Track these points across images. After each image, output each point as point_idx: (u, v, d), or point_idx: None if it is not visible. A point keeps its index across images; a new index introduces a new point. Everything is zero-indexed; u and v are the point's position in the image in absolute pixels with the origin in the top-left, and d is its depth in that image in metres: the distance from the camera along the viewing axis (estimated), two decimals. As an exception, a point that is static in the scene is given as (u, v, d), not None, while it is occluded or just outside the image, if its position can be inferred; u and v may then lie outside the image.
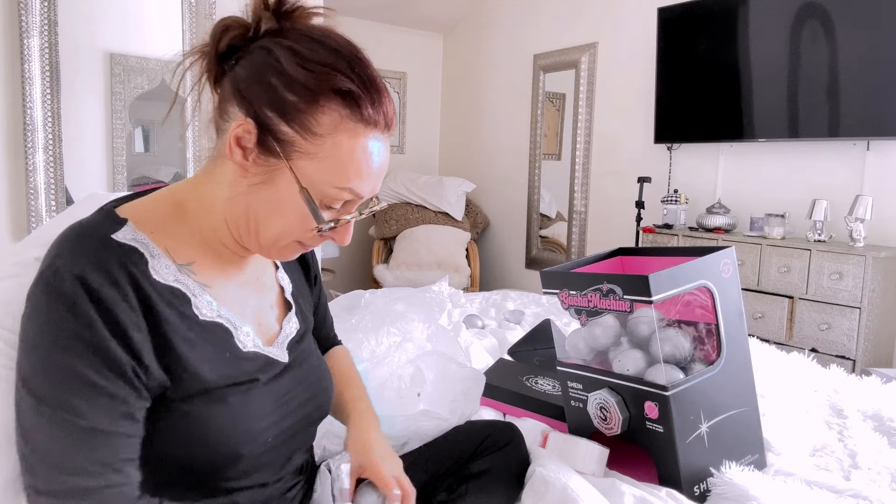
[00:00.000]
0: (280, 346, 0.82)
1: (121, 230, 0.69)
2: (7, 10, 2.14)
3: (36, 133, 2.20)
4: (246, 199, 0.72)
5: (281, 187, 0.70)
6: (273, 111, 0.68)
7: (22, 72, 2.15)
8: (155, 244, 0.71)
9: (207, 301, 0.74)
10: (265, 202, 0.71)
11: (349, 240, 0.75)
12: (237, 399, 0.73)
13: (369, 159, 0.71)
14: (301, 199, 0.70)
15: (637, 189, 3.16)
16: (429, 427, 1.09)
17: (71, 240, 0.67)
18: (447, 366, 1.29)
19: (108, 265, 0.65)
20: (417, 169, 4.78)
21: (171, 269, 0.71)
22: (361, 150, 0.70)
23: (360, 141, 0.70)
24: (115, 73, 2.41)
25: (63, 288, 0.62)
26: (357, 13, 4.42)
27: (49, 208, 2.27)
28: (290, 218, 0.71)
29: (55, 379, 0.62)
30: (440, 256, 4.04)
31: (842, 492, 0.98)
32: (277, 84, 0.68)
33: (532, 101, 4.18)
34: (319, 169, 0.69)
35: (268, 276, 0.87)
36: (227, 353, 0.74)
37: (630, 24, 3.51)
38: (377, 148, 0.71)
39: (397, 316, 1.57)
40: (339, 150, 0.69)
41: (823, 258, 2.49)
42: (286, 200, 0.70)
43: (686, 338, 1.04)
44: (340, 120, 0.69)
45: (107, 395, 0.63)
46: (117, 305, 0.64)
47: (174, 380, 0.68)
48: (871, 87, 2.48)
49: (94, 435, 0.62)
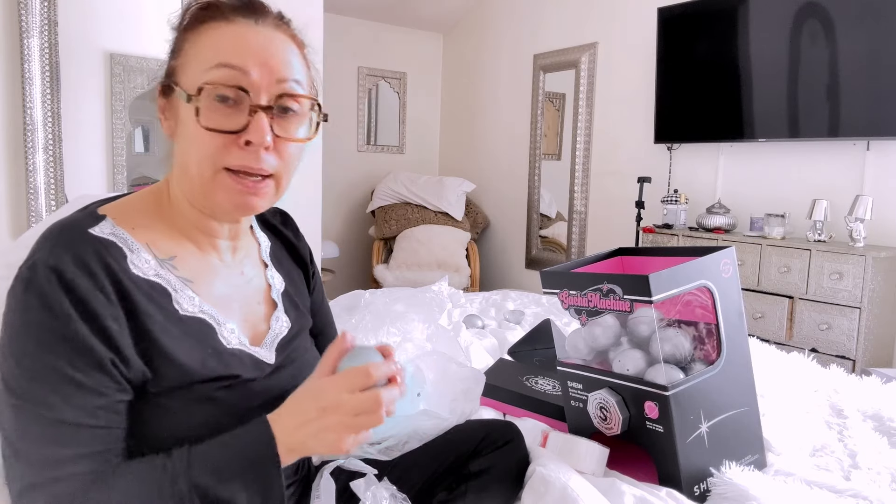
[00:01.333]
0: (268, 346, 0.81)
1: (98, 225, 0.70)
2: (7, 10, 2.14)
3: (36, 133, 2.20)
4: (177, 157, 0.74)
5: (182, 114, 0.72)
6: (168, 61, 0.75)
7: (22, 72, 2.15)
8: (135, 239, 0.71)
9: (189, 296, 0.73)
10: (181, 142, 0.73)
11: (266, 134, 0.69)
12: (223, 396, 0.72)
13: (235, 36, 0.71)
14: (191, 108, 0.70)
15: (637, 189, 3.16)
16: (429, 427, 1.09)
17: (49, 236, 0.68)
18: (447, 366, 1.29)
19: (83, 256, 0.65)
20: (417, 169, 4.78)
21: (150, 264, 0.71)
22: (221, 31, 0.72)
23: (215, 27, 0.72)
24: (114, 73, 2.41)
25: (38, 281, 0.62)
26: (357, 13, 4.42)
27: (49, 208, 2.27)
28: (198, 139, 0.69)
29: (30, 374, 0.62)
30: (440, 256, 4.04)
31: (842, 492, 0.98)
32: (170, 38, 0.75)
33: (532, 101, 4.18)
34: (190, 66, 0.72)
35: (256, 273, 0.86)
36: (209, 348, 0.73)
37: (630, 24, 3.51)
38: (242, 29, 0.72)
39: (397, 316, 1.57)
40: (202, 43, 0.72)
41: (823, 258, 2.49)
42: (188, 123, 0.70)
43: (686, 338, 1.04)
44: (200, 25, 0.73)
45: (83, 388, 0.62)
46: (93, 296, 0.64)
47: (155, 371, 0.67)
48: (871, 87, 2.48)
49: (67, 428, 0.61)
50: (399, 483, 0.89)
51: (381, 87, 4.73)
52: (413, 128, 4.90)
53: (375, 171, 4.67)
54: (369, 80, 4.65)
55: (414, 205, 4.28)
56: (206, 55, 0.70)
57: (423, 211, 4.25)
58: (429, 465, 0.97)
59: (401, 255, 4.09)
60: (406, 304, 1.77)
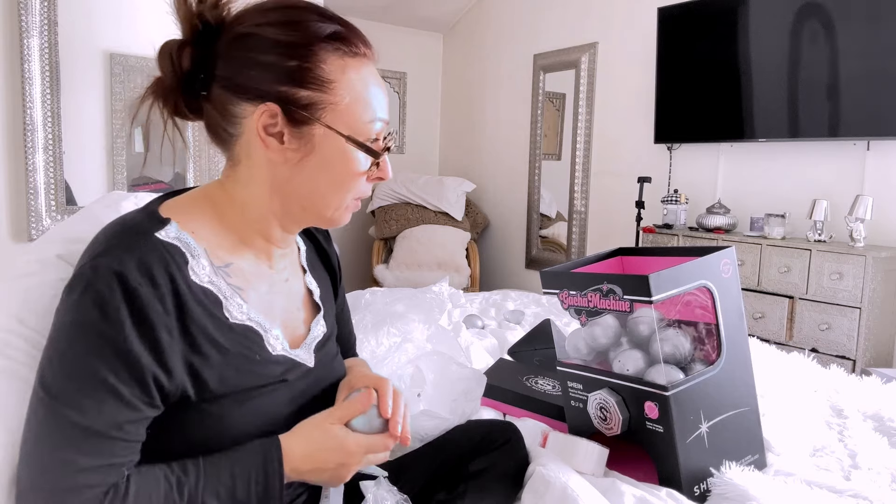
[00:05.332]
0: (307, 348, 0.82)
1: (164, 228, 0.69)
2: (7, 10, 2.14)
3: (36, 133, 2.20)
4: (293, 181, 0.73)
5: (325, 149, 0.71)
6: (284, 84, 0.69)
7: (22, 72, 2.15)
8: (197, 243, 0.71)
9: (238, 304, 0.73)
10: (315, 171, 0.72)
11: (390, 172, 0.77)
12: (260, 400, 0.73)
13: (378, 84, 0.74)
14: (347, 150, 0.72)
15: (637, 189, 3.16)
16: (429, 427, 1.09)
17: (114, 236, 0.67)
18: (447, 366, 1.29)
19: (149, 264, 0.65)
20: (417, 169, 4.78)
21: (206, 271, 0.71)
22: (370, 79, 0.73)
23: (363, 71, 0.73)
24: (114, 73, 2.41)
25: (99, 284, 0.62)
26: (357, 13, 4.42)
27: (49, 208, 2.27)
28: (342, 174, 0.73)
29: (71, 375, 0.61)
30: (440, 256, 4.04)
31: (842, 492, 0.98)
32: (274, 58, 0.69)
33: (532, 101, 4.18)
34: (347, 112, 0.71)
35: (296, 279, 0.86)
36: (256, 355, 0.73)
37: (630, 24, 3.50)
38: (375, 73, 0.75)
39: (397, 316, 1.57)
40: (353, 87, 0.71)
41: (823, 258, 2.49)
42: (333, 159, 0.72)
43: (686, 338, 1.04)
44: (341, 60, 0.71)
45: (119, 399, 0.62)
46: (152, 306, 0.63)
47: (199, 383, 0.67)
48: (871, 87, 2.48)
49: (93, 437, 0.61)
50: (399, 483, 0.89)
51: (381, 87, 4.73)
52: (413, 128, 4.90)
53: (375, 171, 4.66)
54: (369, 80, 4.65)
55: (414, 205, 4.28)
56: (364, 108, 0.72)
57: (423, 211, 4.25)
58: (429, 465, 0.97)
59: (401, 255, 4.09)
60: (406, 305, 1.77)
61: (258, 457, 0.69)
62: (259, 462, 0.69)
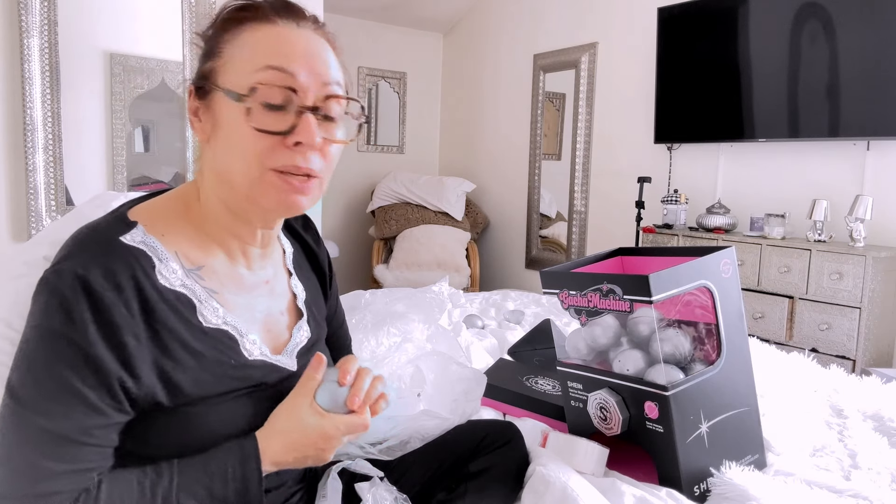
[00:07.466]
0: (289, 353, 0.81)
1: (129, 232, 0.69)
2: (7, 10, 2.14)
3: (36, 133, 2.20)
4: (216, 160, 0.72)
5: (222, 114, 0.70)
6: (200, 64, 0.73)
7: (22, 72, 2.15)
8: (165, 247, 0.70)
9: (213, 307, 0.73)
10: (223, 142, 0.70)
11: (315, 135, 0.69)
12: (239, 403, 0.72)
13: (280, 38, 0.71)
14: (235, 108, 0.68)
15: (637, 189, 3.16)
16: (429, 427, 1.09)
17: (79, 241, 0.67)
18: (447, 366, 1.29)
19: (112, 268, 0.64)
20: (417, 169, 4.78)
21: (178, 274, 0.70)
22: (265, 33, 0.71)
23: (262, 30, 0.71)
24: (114, 73, 2.41)
25: (62, 288, 0.62)
26: (357, 13, 4.42)
27: (49, 208, 2.27)
28: (238, 136, 0.69)
29: (37, 380, 0.61)
30: (440, 256, 4.04)
31: (842, 492, 0.98)
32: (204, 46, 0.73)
33: (532, 101, 4.18)
34: (234, 67, 0.70)
35: (280, 282, 0.85)
36: (231, 360, 0.73)
37: (630, 24, 3.51)
38: (286, 31, 0.72)
39: (397, 316, 1.57)
40: (244, 43, 0.71)
41: (823, 258, 2.49)
42: (229, 122, 0.69)
43: (686, 338, 1.04)
44: (240, 26, 0.71)
45: (87, 403, 0.61)
46: (116, 310, 0.63)
47: (172, 387, 0.67)
48: (871, 87, 2.48)
49: (62, 442, 0.61)
50: (399, 483, 0.89)
51: (381, 87, 4.73)
52: (413, 128, 4.90)
53: (375, 170, 4.67)
54: (369, 79, 4.65)
55: (414, 205, 4.28)
56: (251, 56, 0.69)
57: (423, 211, 4.25)
58: (429, 465, 0.97)
59: (401, 255, 4.09)
60: (406, 305, 1.77)
61: (234, 453, 0.68)
62: (236, 458, 0.68)
